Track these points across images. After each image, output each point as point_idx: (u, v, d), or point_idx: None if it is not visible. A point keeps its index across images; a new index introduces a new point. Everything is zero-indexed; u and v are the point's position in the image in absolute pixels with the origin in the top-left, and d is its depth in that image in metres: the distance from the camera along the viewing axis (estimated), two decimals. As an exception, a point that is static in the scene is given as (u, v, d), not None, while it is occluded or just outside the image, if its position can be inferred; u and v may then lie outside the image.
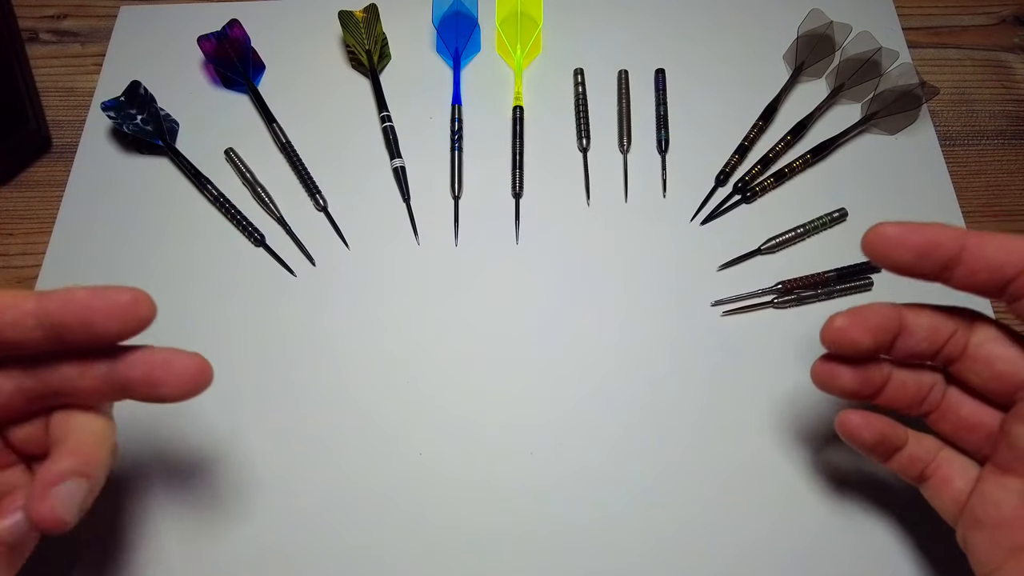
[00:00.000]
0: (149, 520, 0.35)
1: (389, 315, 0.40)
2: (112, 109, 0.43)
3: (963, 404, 0.29)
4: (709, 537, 0.35)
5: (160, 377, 0.25)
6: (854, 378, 0.29)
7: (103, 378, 0.25)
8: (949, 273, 0.27)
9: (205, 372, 0.26)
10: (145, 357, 0.25)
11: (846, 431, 0.30)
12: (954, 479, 0.29)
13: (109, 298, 0.24)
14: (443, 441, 0.37)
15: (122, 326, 0.24)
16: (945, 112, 0.47)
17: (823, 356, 0.29)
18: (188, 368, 0.25)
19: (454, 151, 0.44)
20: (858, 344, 0.28)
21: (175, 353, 0.25)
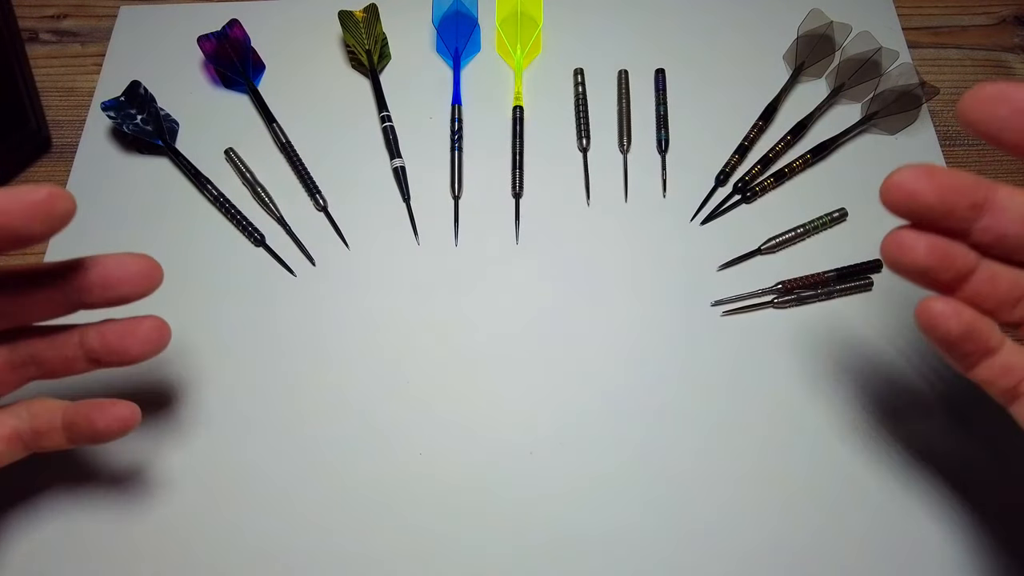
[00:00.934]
0: (147, 520, 0.35)
1: (389, 315, 0.40)
2: (112, 109, 0.43)
3: None
4: (709, 536, 0.35)
5: (117, 277, 0.27)
6: (930, 251, 0.24)
7: (56, 289, 0.26)
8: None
9: (156, 270, 0.27)
10: (98, 261, 0.27)
11: (926, 320, 0.25)
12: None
13: (23, 197, 0.24)
14: (443, 441, 0.37)
15: (44, 224, 0.24)
16: (945, 112, 0.47)
17: (896, 228, 0.25)
18: (142, 266, 0.27)
19: (454, 151, 0.44)
20: (919, 198, 0.23)
21: (128, 255, 0.27)
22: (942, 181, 0.24)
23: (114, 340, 0.28)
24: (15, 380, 0.29)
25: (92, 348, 0.28)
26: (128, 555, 0.34)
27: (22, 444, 0.29)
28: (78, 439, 0.29)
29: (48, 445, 0.29)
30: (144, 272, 0.27)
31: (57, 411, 0.29)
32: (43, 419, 0.28)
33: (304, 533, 0.35)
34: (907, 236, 0.24)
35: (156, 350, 0.28)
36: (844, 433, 0.37)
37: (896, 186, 0.24)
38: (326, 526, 0.35)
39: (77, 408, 0.28)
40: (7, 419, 0.28)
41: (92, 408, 0.28)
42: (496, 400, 0.38)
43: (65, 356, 0.28)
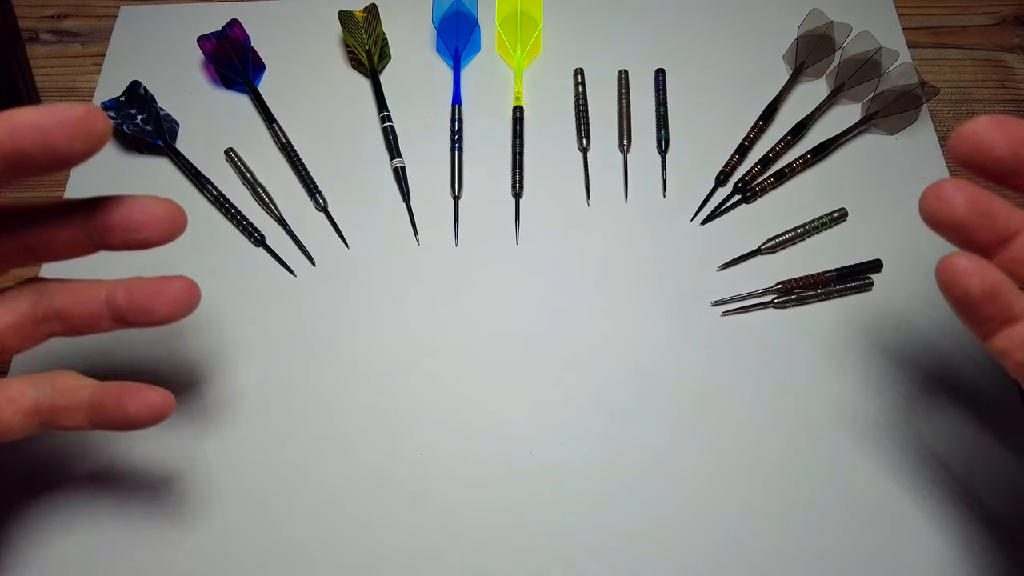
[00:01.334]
0: (147, 520, 0.35)
1: (389, 315, 0.40)
2: (112, 109, 0.43)
3: None
4: (709, 536, 0.35)
5: (140, 220, 0.26)
6: (971, 206, 0.23)
7: (80, 226, 0.26)
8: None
9: (181, 215, 0.26)
10: (123, 202, 0.26)
11: (949, 276, 0.23)
12: None
13: (60, 114, 0.23)
14: (443, 441, 0.37)
15: (83, 142, 0.23)
16: (945, 112, 0.47)
17: (938, 181, 0.24)
18: (167, 211, 0.26)
19: (454, 151, 0.44)
20: (989, 149, 0.22)
21: (153, 199, 0.26)
22: (1016, 134, 0.22)
23: (142, 298, 0.27)
24: (37, 334, 0.27)
25: (118, 305, 0.27)
26: (126, 556, 0.34)
27: (39, 419, 0.27)
28: (103, 423, 0.27)
29: (67, 424, 0.27)
30: (168, 217, 0.26)
31: (84, 389, 0.27)
32: (67, 396, 0.27)
33: (302, 532, 0.35)
34: (947, 187, 0.23)
35: (184, 312, 0.27)
36: (844, 433, 0.37)
37: (968, 135, 0.23)
38: (325, 526, 0.35)
39: (108, 389, 0.27)
40: (28, 390, 0.27)
41: (124, 391, 0.27)
42: (496, 400, 0.38)
43: (90, 311, 0.27)
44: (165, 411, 0.27)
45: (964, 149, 0.23)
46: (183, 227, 0.27)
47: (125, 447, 0.36)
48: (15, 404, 0.26)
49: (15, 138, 0.23)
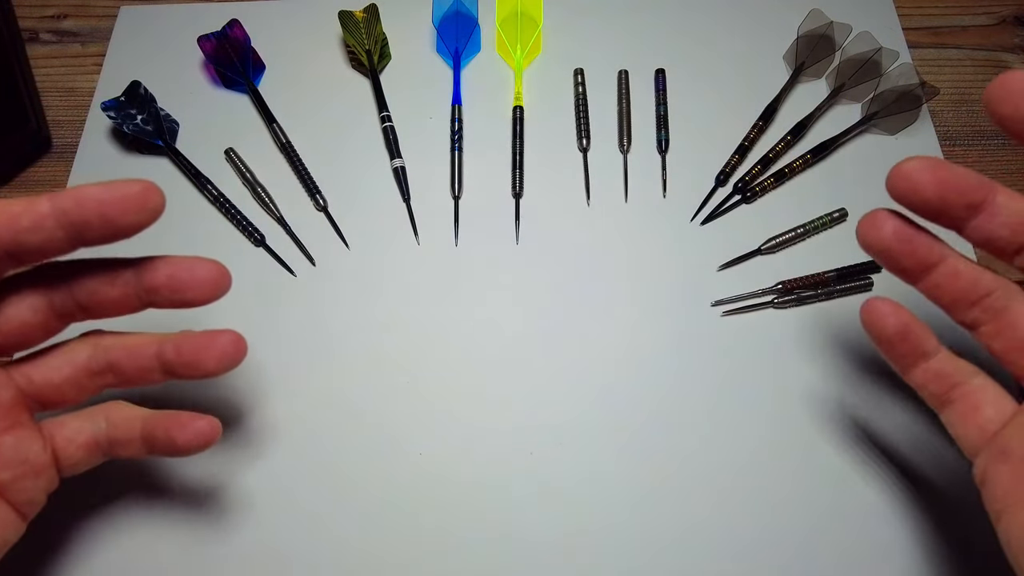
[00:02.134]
0: (145, 522, 0.35)
1: (389, 315, 0.40)
2: (112, 109, 0.43)
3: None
4: (709, 535, 0.35)
5: (184, 280, 0.27)
6: (895, 235, 0.26)
7: (129, 285, 0.27)
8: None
9: (225, 276, 0.28)
10: (169, 261, 0.27)
11: (867, 317, 0.27)
12: (984, 407, 0.26)
13: (121, 190, 0.25)
14: (443, 441, 0.37)
15: (137, 216, 0.25)
16: (945, 112, 0.47)
17: (873, 210, 0.26)
18: (210, 271, 0.27)
19: (454, 151, 0.44)
20: (918, 191, 0.25)
21: (197, 259, 0.27)
22: (945, 176, 0.25)
23: (190, 353, 0.28)
24: (93, 387, 0.29)
25: (168, 360, 0.28)
26: (124, 556, 0.34)
27: (100, 451, 0.29)
28: (156, 451, 0.29)
29: (125, 454, 0.29)
30: (213, 279, 0.27)
31: (136, 420, 0.29)
32: (122, 428, 0.28)
33: (303, 533, 0.35)
34: (879, 215, 0.26)
35: (232, 365, 0.28)
36: (844, 433, 0.37)
37: (902, 176, 0.25)
38: (325, 526, 0.35)
39: (157, 421, 0.28)
40: (86, 425, 0.28)
41: (172, 423, 0.28)
42: (496, 400, 0.38)
43: (141, 366, 0.28)
44: (212, 438, 0.29)
45: (897, 188, 0.25)
46: (227, 288, 0.28)
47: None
48: (75, 442, 0.28)
49: (81, 210, 0.25)
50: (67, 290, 0.27)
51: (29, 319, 0.27)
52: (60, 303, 0.27)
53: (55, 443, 0.28)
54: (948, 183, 0.25)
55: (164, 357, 0.28)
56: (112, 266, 0.27)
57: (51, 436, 0.28)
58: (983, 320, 0.27)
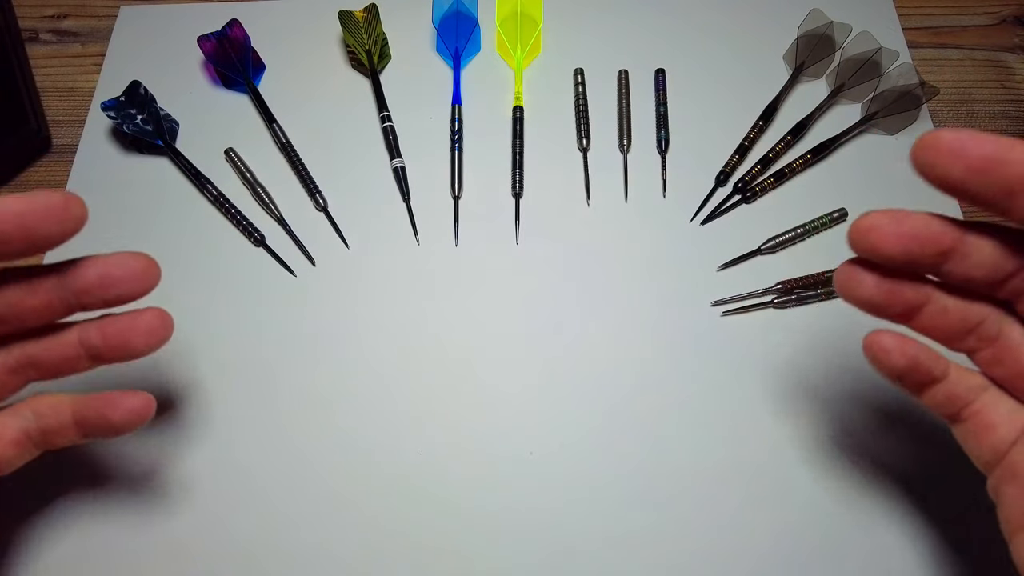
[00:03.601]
0: (143, 524, 0.35)
1: (389, 315, 0.40)
2: (112, 109, 0.43)
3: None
4: (709, 535, 0.35)
5: (117, 276, 0.26)
6: (878, 289, 0.25)
7: (51, 291, 0.26)
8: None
9: (154, 267, 0.27)
10: (97, 261, 0.26)
11: (873, 353, 0.26)
12: (998, 426, 0.25)
13: (40, 202, 0.24)
14: (442, 441, 0.37)
15: (60, 227, 0.24)
16: (945, 112, 0.47)
17: (851, 258, 0.25)
18: (140, 263, 0.26)
19: (454, 151, 0.44)
20: (880, 250, 0.24)
21: (126, 254, 0.27)
22: (906, 231, 0.24)
23: (115, 334, 0.27)
24: (14, 384, 0.28)
25: (93, 345, 0.27)
26: (124, 559, 0.34)
27: (32, 444, 0.28)
28: (92, 434, 0.28)
29: (60, 442, 0.28)
30: (143, 270, 0.26)
31: (65, 407, 0.28)
32: (50, 418, 0.28)
33: (301, 533, 0.35)
34: (854, 271, 0.25)
35: (160, 342, 0.27)
36: (844, 433, 0.37)
37: (861, 234, 0.24)
38: (324, 526, 0.35)
39: (87, 403, 0.28)
40: (11, 421, 0.27)
41: (103, 403, 0.27)
42: (496, 400, 0.38)
43: (65, 356, 0.27)
44: (146, 413, 0.28)
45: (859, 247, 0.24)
46: (157, 279, 0.27)
47: (114, 447, 0.36)
48: (3, 439, 0.27)
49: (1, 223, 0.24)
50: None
51: None
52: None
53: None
54: (911, 235, 0.24)
55: (89, 343, 0.27)
56: (29, 274, 0.26)
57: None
58: (979, 347, 0.26)
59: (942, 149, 0.22)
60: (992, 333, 0.26)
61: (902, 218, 0.24)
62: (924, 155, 0.23)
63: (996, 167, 0.22)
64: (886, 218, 0.24)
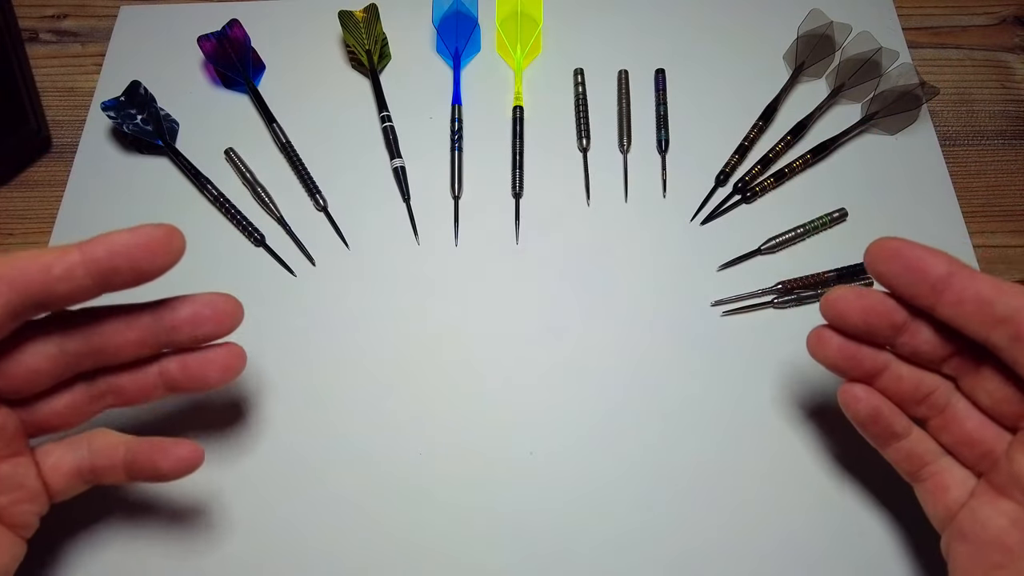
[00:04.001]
0: (142, 525, 0.35)
1: (389, 315, 0.40)
2: (112, 109, 0.43)
3: (969, 417, 0.29)
4: (707, 536, 0.35)
5: (206, 316, 0.28)
6: (840, 352, 0.29)
7: (147, 327, 0.28)
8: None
9: (239, 308, 0.29)
10: (190, 300, 0.28)
11: (843, 400, 0.30)
12: (951, 488, 0.29)
13: (147, 235, 0.26)
14: (443, 441, 0.37)
15: (164, 259, 0.26)
16: (945, 112, 0.47)
17: (822, 324, 0.30)
18: (228, 305, 0.29)
19: (454, 151, 0.44)
20: (845, 317, 0.28)
21: (215, 295, 0.29)
22: (866, 305, 0.28)
23: (195, 367, 0.29)
24: (94, 410, 0.29)
25: (172, 377, 0.29)
26: (122, 560, 0.34)
27: (82, 479, 0.29)
28: (139, 478, 0.29)
29: (108, 481, 0.29)
30: (231, 312, 0.29)
31: (119, 447, 0.29)
32: (104, 455, 0.29)
33: (301, 533, 0.35)
34: (823, 334, 0.30)
35: (233, 376, 0.29)
36: (844, 433, 0.37)
37: (829, 305, 0.29)
38: (324, 525, 0.35)
39: (139, 447, 0.29)
40: (67, 454, 0.29)
41: (155, 449, 0.29)
42: (496, 400, 0.38)
43: (143, 384, 0.29)
44: (194, 464, 0.29)
45: (828, 315, 0.29)
46: (241, 319, 0.29)
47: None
48: (59, 471, 0.28)
49: (112, 257, 0.26)
50: (81, 336, 0.27)
51: (41, 366, 0.27)
52: (74, 349, 0.27)
53: (42, 471, 0.28)
54: (870, 309, 0.28)
55: (169, 374, 0.29)
56: (129, 311, 0.28)
57: (39, 464, 0.28)
58: (929, 415, 0.30)
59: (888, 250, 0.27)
60: (941, 403, 0.29)
61: (864, 294, 0.28)
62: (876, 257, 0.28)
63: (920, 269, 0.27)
64: (851, 293, 0.28)
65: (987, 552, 0.26)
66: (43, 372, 0.27)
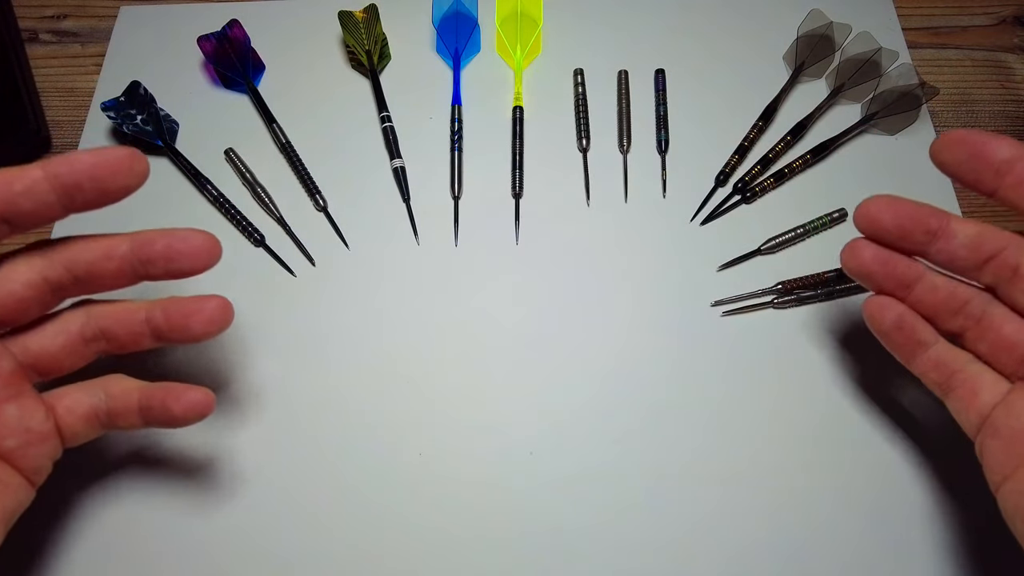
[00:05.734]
0: (142, 525, 0.35)
1: (389, 315, 0.40)
2: (112, 109, 0.43)
3: (1007, 322, 0.29)
4: (708, 535, 0.35)
5: (180, 250, 0.28)
6: (875, 259, 0.29)
7: (125, 259, 0.28)
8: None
9: (217, 245, 0.29)
10: (165, 233, 0.28)
11: (868, 312, 0.30)
12: (982, 392, 0.29)
13: (110, 155, 0.26)
14: (443, 441, 0.37)
15: (126, 179, 0.27)
16: (945, 112, 0.47)
17: (856, 238, 0.30)
18: (204, 240, 0.29)
19: (454, 151, 0.44)
20: (878, 223, 0.29)
21: (191, 230, 0.29)
22: (900, 210, 0.29)
23: (178, 316, 0.29)
24: (88, 353, 0.30)
25: (157, 324, 0.29)
26: (121, 561, 0.34)
27: (99, 423, 0.30)
28: (152, 423, 0.30)
29: (123, 425, 0.30)
30: (205, 248, 0.28)
31: (133, 392, 0.29)
32: (119, 399, 0.29)
33: (302, 532, 0.35)
34: (858, 244, 0.30)
35: (218, 329, 0.29)
36: (844, 433, 0.37)
37: (863, 212, 0.30)
38: (324, 526, 0.35)
39: (153, 392, 0.29)
40: (84, 398, 0.29)
41: (168, 394, 0.29)
42: (496, 400, 0.38)
43: (132, 331, 0.29)
44: (207, 409, 0.29)
45: (861, 223, 0.30)
46: (218, 256, 0.29)
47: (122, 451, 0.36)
48: (75, 413, 0.29)
49: (73, 173, 0.26)
50: (63, 265, 0.28)
51: (24, 294, 0.27)
52: (56, 278, 0.28)
53: (56, 413, 0.29)
54: (903, 214, 0.29)
55: (153, 322, 0.29)
56: (108, 240, 0.28)
57: (52, 407, 0.29)
58: (966, 327, 0.30)
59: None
60: (977, 312, 0.29)
61: (897, 200, 0.29)
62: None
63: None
64: (885, 198, 0.29)
65: (1020, 442, 0.27)
66: (28, 300, 0.27)
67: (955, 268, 0.29)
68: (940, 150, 0.29)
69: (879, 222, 0.29)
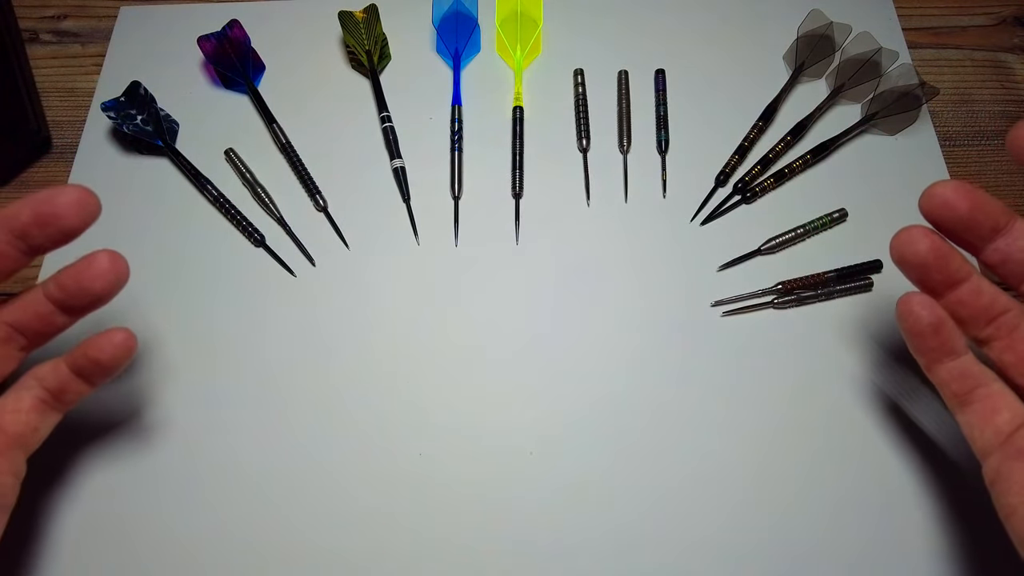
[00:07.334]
0: (142, 525, 0.35)
1: (389, 315, 0.40)
2: (112, 109, 0.43)
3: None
4: (708, 535, 0.35)
5: (47, 213, 0.27)
6: (932, 249, 0.28)
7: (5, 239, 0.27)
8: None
9: (90, 197, 0.28)
10: (28, 200, 0.27)
11: (904, 309, 0.28)
12: (1003, 410, 0.28)
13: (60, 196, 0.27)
14: (443, 441, 0.37)
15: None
16: (945, 112, 0.47)
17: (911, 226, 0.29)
18: (71, 195, 0.27)
19: (454, 151, 0.44)
20: (953, 208, 0.28)
21: (57, 188, 0.28)
22: (976, 199, 0.28)
23: (70, 280, 0.28)
24: (10, 353, 0.29)
25: (55, 296, 0.29)
26: (120, 560, 0.34)
27: (50, 408, 0.30)
28: (92, 378, 0.30)
29: (72, 397, 0.30)
30: (76, 202, 0.28)
31: (60, 364, 0.30)
32: (51, 378, 0.29)
33: (303, 533, 0.35)
34: (916, 231, 0.28)
35: (116, 281, 0.29)
36: (844, 433, 0.37)
37: (935, 194, 0.28)
38: (325, 526, 0.35)
39: (76, 353, 0.29)
40: (23, 393, 0.29)
41: (89, 347, 0.29)
42: (496, 400, 0.38)
43: (38, 313, 0.29)
44: (129, 344, 0.29)
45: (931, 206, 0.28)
46: (96, 209, 0.28)
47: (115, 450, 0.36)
48: (23, 409, 0.29)
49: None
50: None
51: None
52: None
53: (3, 421, 0.28)
54: (979, 204, 0.28)
55: (52, 295, 0.29)
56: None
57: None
58: (997, 336, 0.29)
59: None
60: (1012, 324, 0.28)
61: (972, 187, 0.28)
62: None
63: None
64: (958, 184, 0.28)
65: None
66: None
67: (1004, 270, 0.28)
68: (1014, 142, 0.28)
69: (954, 208, 0.27)
